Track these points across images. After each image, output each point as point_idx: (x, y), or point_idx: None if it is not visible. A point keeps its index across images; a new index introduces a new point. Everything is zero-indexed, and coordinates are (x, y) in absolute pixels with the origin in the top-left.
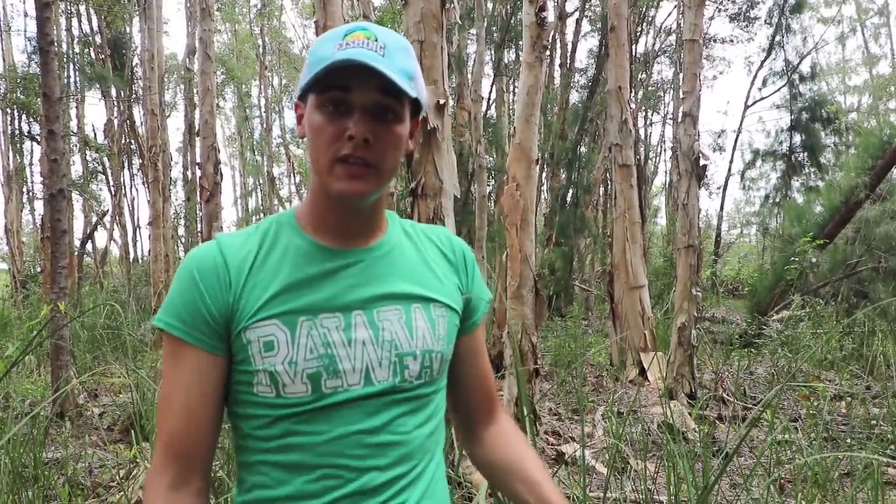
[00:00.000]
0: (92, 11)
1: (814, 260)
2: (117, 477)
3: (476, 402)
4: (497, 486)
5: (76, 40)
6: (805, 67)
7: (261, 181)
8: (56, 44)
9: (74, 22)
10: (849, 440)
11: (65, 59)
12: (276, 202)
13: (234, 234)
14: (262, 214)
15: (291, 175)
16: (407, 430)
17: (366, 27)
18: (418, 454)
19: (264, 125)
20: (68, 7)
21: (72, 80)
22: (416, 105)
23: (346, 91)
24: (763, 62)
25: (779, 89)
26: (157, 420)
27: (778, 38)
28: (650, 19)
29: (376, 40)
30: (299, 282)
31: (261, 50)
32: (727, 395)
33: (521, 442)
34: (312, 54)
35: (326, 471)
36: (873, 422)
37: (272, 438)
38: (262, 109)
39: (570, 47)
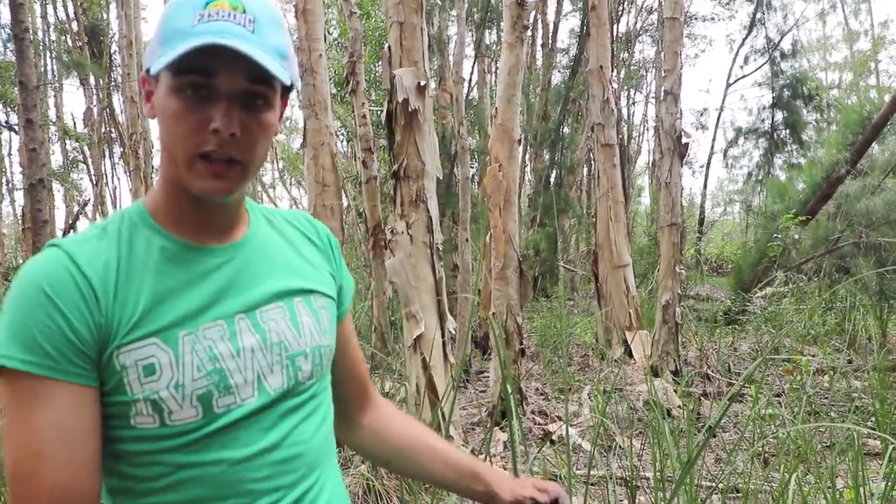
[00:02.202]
0: None
1: (796, 236)
2: None
3: (351, 390)
4: (396, 467)
5: (52, 27)
6: (786, 44)
7: None
8: (31, 31)
9: (50, 9)
10: (831, 413)
11: (41, 47)
12: (258, 188)
13: (81, 241)
14: None
15: (274, 160)
16: (307, 438)
17: None
18: (320, 461)
19: None
20: None
21: (49, 68)
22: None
23: (210, 76)
24: (744, 40)
25: (760, 67)
26: (27, 484)
27: (759, 15)
28: None
29: (244, 12)
30: (172, 290)
31: None
32: (712, 371)
33: (406, 418)
34: (166, 22)
35: (230, 502)
36: (854, 394)
37: (160, 476)
38: None
39: (551, 27)
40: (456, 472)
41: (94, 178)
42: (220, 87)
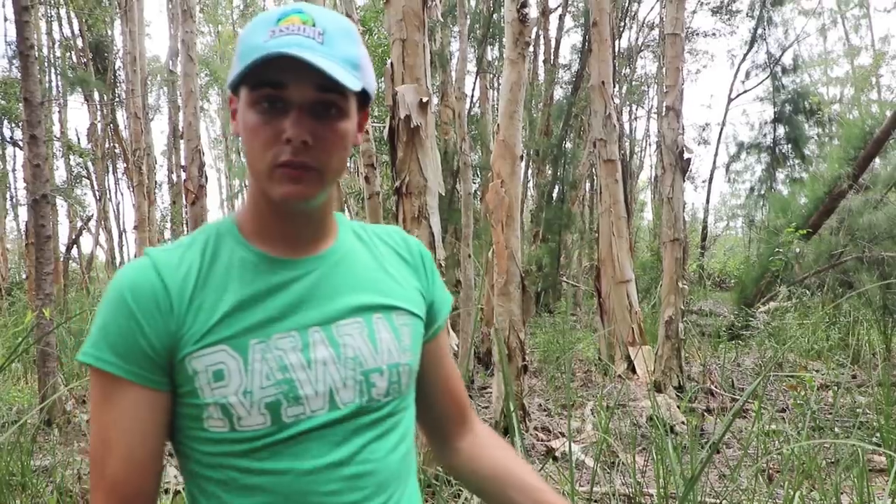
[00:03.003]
0: (72, 15)
1: (799, 251)
2: None
3: (447, 412)
4: (487, 497)
5: (57, 44)
6: (787, 60)
7: (246, 183)
8: (36, 48)
9: (55, 26)
10: (835, 429)
11: (46, 64)
12: None
13: (169, 249)
14: None
15: None
16: (380, 457)
17: (301, 9)
18: (394, 481)
19: None
20: (48, 11)
21: (53, 84)
22: (363, 94)
23: (281, 88)
24: (745, 55)
25: (762, 82)
26: (95, 467)
27: (760, 30)
28: (633, 14)
29: (314, 25)
30: (247, 300)
31: None
32: (715, 387)
33: (504, 447)
34: (242, 42)
35: None
36: (859, 410)
37: (231, 480)
38: None
39: (553, 43)
40: None
41: (97, 193)
42: (291, 97)
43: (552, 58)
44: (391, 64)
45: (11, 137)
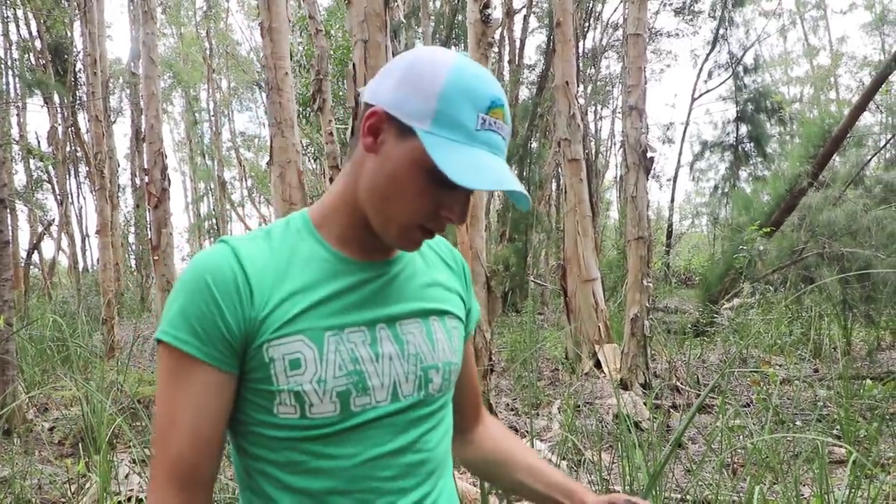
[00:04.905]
0: (30, 15)
1: (762, 248)
2: (68, 492)
3: (466, 407)
4: (495, 480)
5: (14, 45)
6: (749, 59)
7: (212, 186)
8: None
9: (12, 27)
10: (797, 422)
11: (3, 66)
12: (227, 207)
13: (247, 239)
14: (213, 220)
15: (243, 179)
16: (432, 447)
17: (502, 101)
18: (440, 469)
19: (213, 129)
20: (4, 11)
21: (11, 86)
22: None
23: None
24: (708, 55)
25: (724, 81)
26: (159, 444)
27: (722, 31)
28: (597, 14)
29: (506, 123)
30: (326, 296)
31: (207, 53)
32: (681, 383)
33: (509, 435)
34: (444, 97)
35: (357, 496)
36: (820, 403)
37: (295, 463)
38: (211, 113)
39: (518, 44)
40: (557, 491)
41: (59, 197)
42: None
43: (517, 58)
44: (353, 65)
45: None
